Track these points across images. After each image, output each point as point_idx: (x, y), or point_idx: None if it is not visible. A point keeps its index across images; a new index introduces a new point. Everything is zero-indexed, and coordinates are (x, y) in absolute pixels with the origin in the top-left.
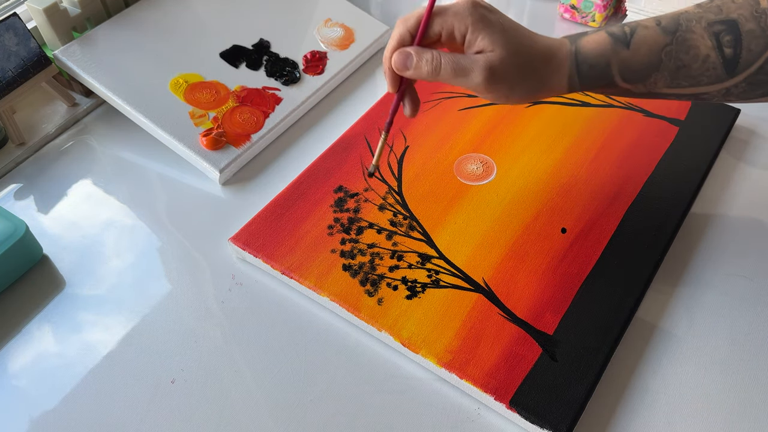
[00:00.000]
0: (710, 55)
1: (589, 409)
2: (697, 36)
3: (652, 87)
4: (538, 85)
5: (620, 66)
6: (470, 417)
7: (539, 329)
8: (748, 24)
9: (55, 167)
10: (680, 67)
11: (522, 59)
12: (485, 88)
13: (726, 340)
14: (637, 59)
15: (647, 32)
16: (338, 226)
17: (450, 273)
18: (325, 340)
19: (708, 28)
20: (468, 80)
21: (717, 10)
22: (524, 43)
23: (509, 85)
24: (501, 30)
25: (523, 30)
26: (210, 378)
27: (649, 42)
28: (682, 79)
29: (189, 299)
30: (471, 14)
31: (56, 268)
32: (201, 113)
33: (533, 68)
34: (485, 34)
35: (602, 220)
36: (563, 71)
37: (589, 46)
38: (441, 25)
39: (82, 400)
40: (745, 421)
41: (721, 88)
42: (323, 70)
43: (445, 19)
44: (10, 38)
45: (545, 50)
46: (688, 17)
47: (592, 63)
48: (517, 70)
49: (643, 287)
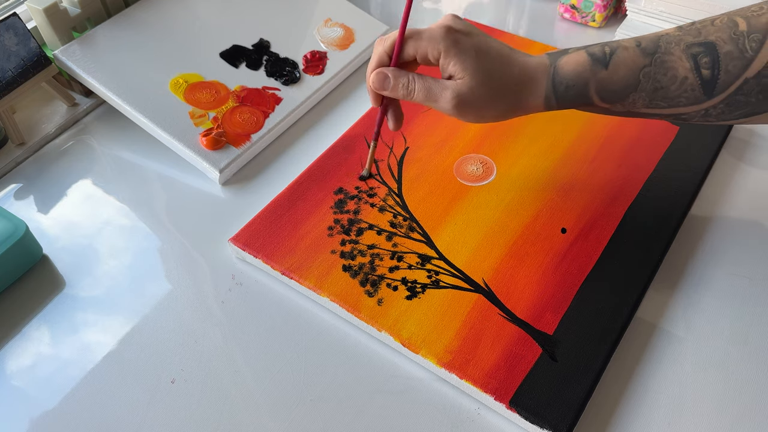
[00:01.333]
0: (688, 77)
1: (589, 410)
2: (675, 58)
3: (631, 107)
4: (512, 107)
5: (598, 86)
6: (470, 417)
7: (539, 329)
8: (726, 46)
9: (55, 167)
10: (658, 88)
11: (493, 85)
12: (454, 114)
13: (726, 340)
14: (614, 79)
15: (626, 53)
16: (338, 227)
17: (450, 273)
18: (325, 340)
19: (686, 50)
20: (437, 105)
21: (696, 33)
22: (496, 68)
23: (477, 110)
24: (473, 56)
25: (499, 52)
26: (210, 378)
27: (627, 63)
28: (660, 99)
29: (189, 299)
30: (444, 39)
31: (56, 268)
32: (201, 113)
33: (505, 92)
34: (456, 61)
35: (602, 220)
36: (539, 92)
37: (568, 67)
38: (415, 49)
39: (82, 400)
40: (745, 422)
41: (700, 109)
42: (323, 70)
43: (419, 43)
44: (9, 38)
45: (520, 73)
46: (668, 39)
47: (569, 83)
48: (487, 95)
49: (643, 287)
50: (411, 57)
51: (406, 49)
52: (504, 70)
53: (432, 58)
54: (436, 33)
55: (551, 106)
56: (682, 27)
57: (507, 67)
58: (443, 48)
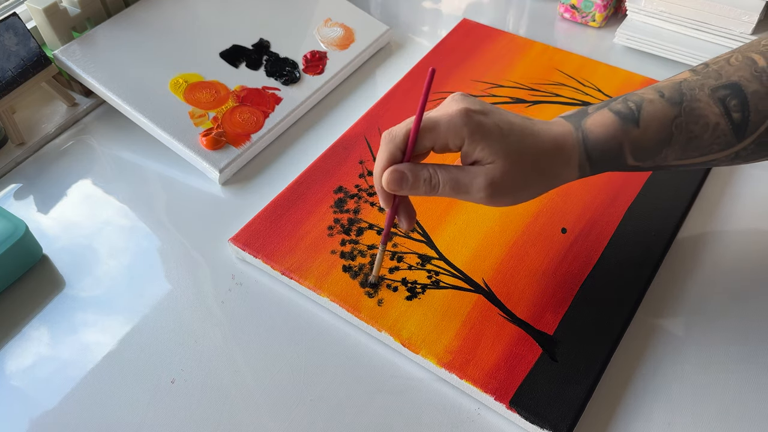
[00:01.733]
0: (720, 123)
1: (589, 410)
2: (703, 104)
3: (662, 161)
4: (547, 183)
5: (632, 146)
6: (470, 417)
7: (539, 329)
8: (752, 85)
9: (55, 167)
10: (691, 138)
11: (527, 164)
12: (489, 202)
13: (726, 340)
14: (648, 136)
15: (653, 106)
16: (338, 226)
17: (450, 274)
18: (325, 341)
19: (712, 94)
20: (469, 196)
21: (716, 75)
22: (526, 143)
23: (513, 194)
24: (500, 136)
25: (522, 126)
26: (210, 378)
27: (658, 116)
28: (692, 150)
29: (189, 299)
30: (466, 125)
31: (56, 269)
32: (201, 113)
33: (539, 169)
34: (484, 145)
35: (602, 220)
36: (573, 163)
37: (598, 131)
38: (433, 141)
39: (82, 401)
40: (745, 422)
41: (730, 153)
42: (323, 69)
43: (437, 134)
44: (9, 38)
45: (550, 144)
46: (689, 85)
47: (603, 148)
48: (521, 176)
49: (643, 287)
50: (427, 150)
51: (422, 142)
52: (533, 145)
53: (453, 147)
54: (455, 119)
55: (585, 173)
56: (697, 70)
57: (534, 141)
58: (467, 134)
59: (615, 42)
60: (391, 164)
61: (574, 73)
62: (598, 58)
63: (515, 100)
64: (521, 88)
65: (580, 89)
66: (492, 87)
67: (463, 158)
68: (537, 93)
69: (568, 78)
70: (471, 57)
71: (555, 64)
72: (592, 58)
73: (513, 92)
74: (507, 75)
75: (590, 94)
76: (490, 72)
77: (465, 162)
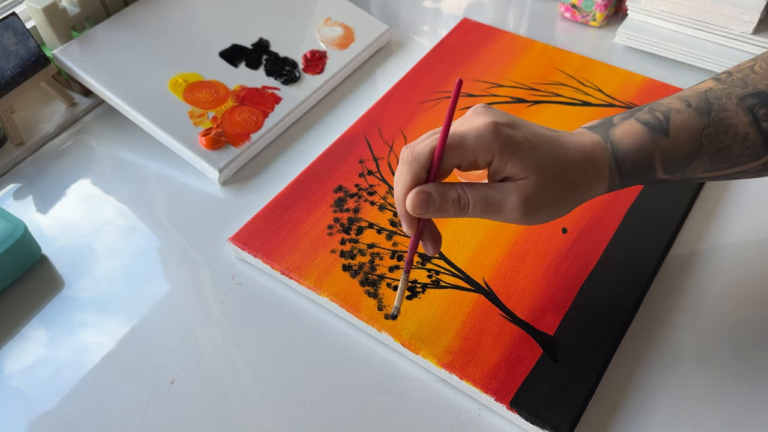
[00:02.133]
0: (749, 132)
1: (590, 410)
2: (731, 114)
3: (690, 174)
4: (579, 198)
5: (662, 157)
6: (470, 418)
7: (540, 330)
8: None
9: (54, 167)
10: (720, 149)
11: (559, 179)
12: (522, 220)
13: (726, 341)
14: (678, 147)
15: (682, 116)
16: (338, 226)
17: (450, 273)
18: (325, 340)
19: (740, 103)
20: (501, 216)
21: (742, 84)
22: (557, 157)
23: (548, 211)
24: (531, 150)
25: (551, 139)
26: (209, 378)
27: (687, 127)
28: (721, 161)
29: (188, 299)
30: (496, 140)
31: (55, 269)
32: (200, 113)
33: (572, 183)
34: (515, 160)
35: (603, 220)
36: (603, 175)
37: (627, 141)
38: (460, 158)
39: (82, 401)
40: (745, 422)
41: (758, 164)
42: (323, 69)
43: (464, 151)
44: (9, 38)
45: (580, 157)
46: (716, 94)
47: (634, 159)
48: (555, 191)
49: (643, 287)
50: (453, 168)
51: (449, 160)
52: (564, 157)
53: (483, 164)
54: (484, 133)
55: (615, 185)
56: (721, 78)
57: (564, 152)
58: (498, 149)
59: (615, 42)
60: (415, 185)
61: (575, 72)
62: (599, 58)
63: (515, 99)
64: (521, 87)
65: (580, 89)
66: (492, 87)
67: (491, 175)
68: (537, 93)
69: (569, 78)
70: (471, 57)
71: (555, 64)
72: (593, 57)
73: (513, 92)
74: (507, 75)
75: (591, 94)
76: (490, 71)
77: (494, 179)
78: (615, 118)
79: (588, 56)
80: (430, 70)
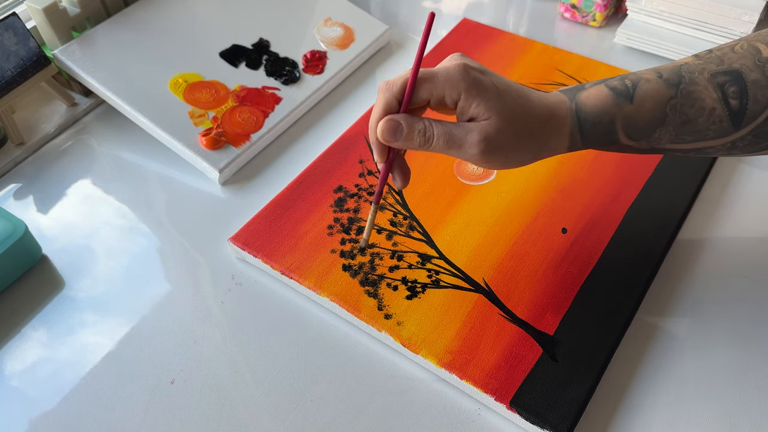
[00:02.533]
0: (716, 108)
1: (590, 410)
2: (701, 88)
3: (656, 143)
4: (537, 149)
5: (624, 122)
6: (470, 418)
7: (540, 329)
8: (753, 74)
9: (55, 167)
10: (685, 121)
11: (519, 124)
12: (481, 159)
13: (726, 341)
14: (641, 114)
15: (650, 85)
16: (338, 226)
17: (450, 273)
18: (325, 340)
19: (712, 79)
20: (462, 152)
21: (718, 61)
22: (521, 105)
23: (506, 154)
24: (496, 95)
25: (518, 90)
26: (209, 378)
27: (652, 95)
28: (687, 134)
29: (188, 299)
30: (463, 79)
31: (55, 269)
32: (200, 113)
33: (531, 132)
34: (480, 101)
35: (603, 220)
36: (564, 131)
37: (590, 102)
38: (430, 92)
39: (82, 401)
40: (745, 422)
41: (726, 142)
42: (323, 69)
43: (434, 85)
44: (9, 38)
45: (543, 110)
46: (690, 69)
47: (594, 121)
48: (514, 136)
49: (643, 287)
50: (424, 102)
51: (419, 93)
52: (527, 107)
53: (450, 101)
54: (453, 72)
55: (576, 145)
56: (700, 55)
57: (530, 104)
58: (464, 88)
59: (615, 42)
60: (387, 114)
61: (575, 73)
62: (599, 58)
63: None
64: None
65: None
66: None
67: (458, 115)
68: None
69: (569, 78)
70: (471, 57)
71: (555, 64)
72: (593, 57)
73: None
74: (507, 75)
75: None
76: None
77: (460, 119)
78: (587, 83)
79: (588, 56)
80: None
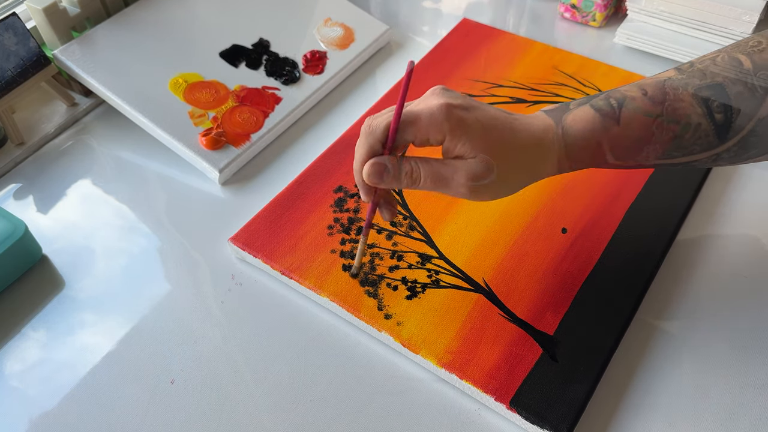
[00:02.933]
0: (701, 123)
1: (590, 410)
2: (686, 104)
3: (644, 160)
4: (526, 178)
5: (612, 144)
6: (470, 418)
7: (539, 329)
8: (735, 87)
9: (55, 167)
10: (672, 138)
11: (506, 159)
12: (469, 196)
13: (726, 341)
14: (628, 135)
15: (635, 104)
16: (338, 226)
17: (450, 273)
18: (325, 340)
19: (696, 94)
20: (449, 190)
21: (701, 75)
22: (507, 140)
23: (493, 189)
24: (481, 133)
25: (503, 122)
26: (209, 378)
27: (639, 115)
28: (674, 149)
29: (188, 299)
30: (447, 120)
31: (55, 269)
32: (200, 113)
33: (518, 165)
34: (465, 140)
35: (603, 219)
36: (552, 158)
37: (577, 126)
38: (414, 134)
39: (82, 401)
40: (745, 422)
41: (712, 155)
42: (323, 69)
43: (417, 128)
44: (9, 38)
45: (530, 140)
46: (673, 84)
47: (582, 145)
48: (502, 172)
49: (643, 287)
50: (407, 143)
51: (403, 136)
52: (514, 141)
53: (434, 142)
54: (436, 114)
55: (564, 168)
56: (682, 69)
57: (515, 137)
58: (448, 129)
59: (615, 42)
60: (370, 157)
61: (575, 73)
62: (599, 58)
63: (515, 100)
64: (521, 88)
65: (580, 89)
66: (492, 87)
67: (444, 153)
68: (537, 93)
69: (569, 78)
70: (471, 57)
71: (555, 64)
72: (593, 58)
73: (513, 92)
74: (507, 75)
75: (590, 94)
76: (490, 72)
77: (446, 156)
78: (572, 103)
79: (588, 56)
80: (430, 70)
